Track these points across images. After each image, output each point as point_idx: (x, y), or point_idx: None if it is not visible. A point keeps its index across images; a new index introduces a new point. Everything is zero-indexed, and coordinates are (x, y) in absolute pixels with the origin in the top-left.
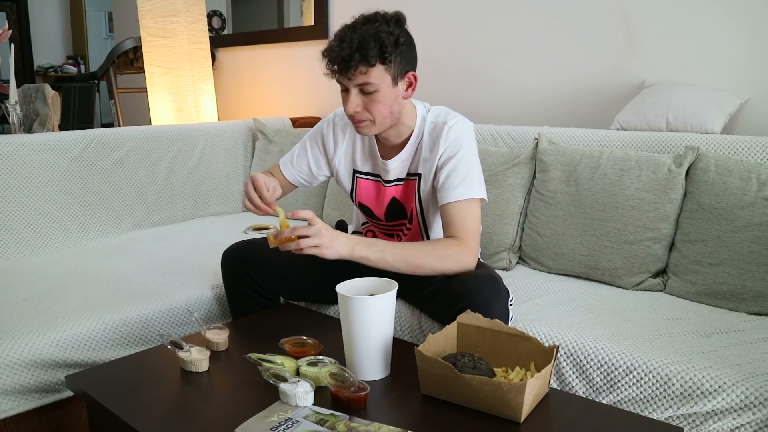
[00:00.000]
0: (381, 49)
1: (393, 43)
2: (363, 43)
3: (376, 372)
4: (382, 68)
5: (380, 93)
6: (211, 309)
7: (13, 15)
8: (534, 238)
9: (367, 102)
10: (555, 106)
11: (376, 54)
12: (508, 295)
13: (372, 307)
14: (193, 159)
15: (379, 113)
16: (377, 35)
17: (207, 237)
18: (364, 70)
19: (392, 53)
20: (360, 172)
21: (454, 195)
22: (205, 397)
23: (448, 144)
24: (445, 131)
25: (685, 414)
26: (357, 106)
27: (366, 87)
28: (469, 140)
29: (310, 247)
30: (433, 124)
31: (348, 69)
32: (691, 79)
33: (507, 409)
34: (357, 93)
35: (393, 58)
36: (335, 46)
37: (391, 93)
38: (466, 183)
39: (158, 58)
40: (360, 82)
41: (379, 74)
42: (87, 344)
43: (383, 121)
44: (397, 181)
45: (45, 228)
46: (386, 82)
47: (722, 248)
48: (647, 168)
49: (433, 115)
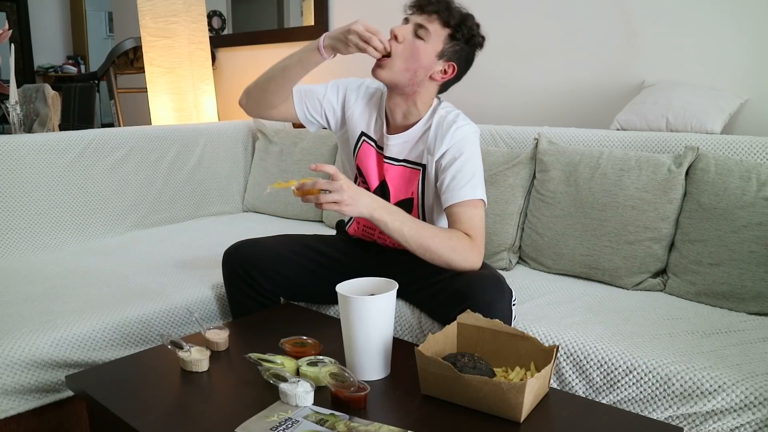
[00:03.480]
0: (459, 24)
1: (468, 30)
2: (451, 6)
3: (376, 372)
4: (445, 33)
5: (423, 47)
6: (211, 309)
7: (13, 15)
8: (534, 238)
9: (408, 44)
10: (555, 106)
11: (453, 22)
12: (511, 296)
13: (372, 307)
14: (193, 159)
15: (404, 60)
16: (463, 15)
17: (207, 237)
18: (434, 18)
19: (460, 37)
20: (367, 136)
21: (461, 195)
22: (205, 397)
23: (453, 143)
24: (453, 129)
25: (685, 414)
26: (402, 36)
27: (420, 31)
28: (473, 144)
29: (331, 203)
30: (442, 119)
31: (425, 7)
32: (691, 79)
33: (507, 409)
34: (411, 29)
35: (457, 38)
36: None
37: (429, 57)
38: (471, 185)
39: (158, 58)
40: (422, 21)
41: (439, 34)
42: (87, 344)
43: (403, 73)
44: (393, 160)
45: (45, 228)
46: (436, 46)
47: (722, 248)
48: (647, 168)
49: (445, 110)
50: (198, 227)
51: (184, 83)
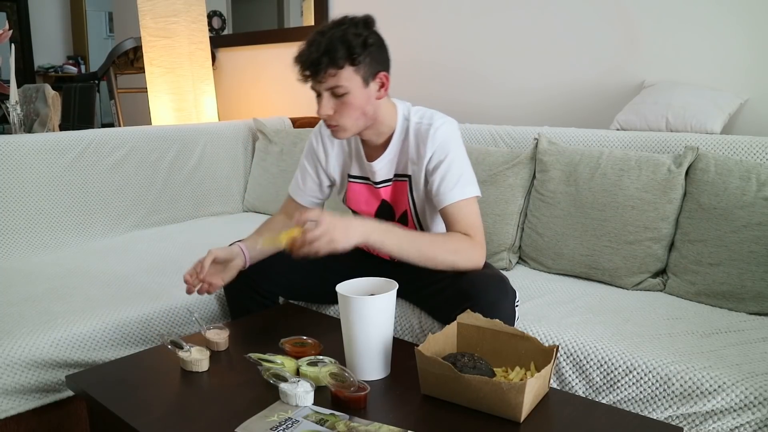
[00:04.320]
0: (349, 50)
1: (361, 44)
2: (330, 46)
3: (376, 372)
4: (351, 70)
5: (351, 95)
6: (211, 309)
7: (13, 15)
8: (534, 238)
9: (339, 105)
10: (555, 106)
11: (344, 56)
12: (515, 296)
13: (372, 307)
14: (193, 159)
15: (350, 116)
16: (344, 37)
17: (207, 237)
18: (333, 72)
19: (360, 54)
20: (352, 176)
21: (452, 197)
22: (205, 397)
23: (436, 146)
24: (432, 133)
25: (684, 414)
26: (329, 109)
27: (336, 90)
28: (456, 140)
29: (324, 246)
30: (417, 125)
31: (317, 73)
32: (691, 79)
33: (507, 409)
34: (329, 96)
35: (362, 59)
36: (304, 51)
37: (362, 94)
38: (461, 184)
39: (158, 58)
40: (330, 85)
41: (349, 76)
42: (87, 344)
43: (356, 122)
44: (386, 182)
45: (45, 228)
46: (356, 83)
47: (722, 248)
48: (647, 168)
49: (417, 116)
50: (198, 227)
51: (184, 83)
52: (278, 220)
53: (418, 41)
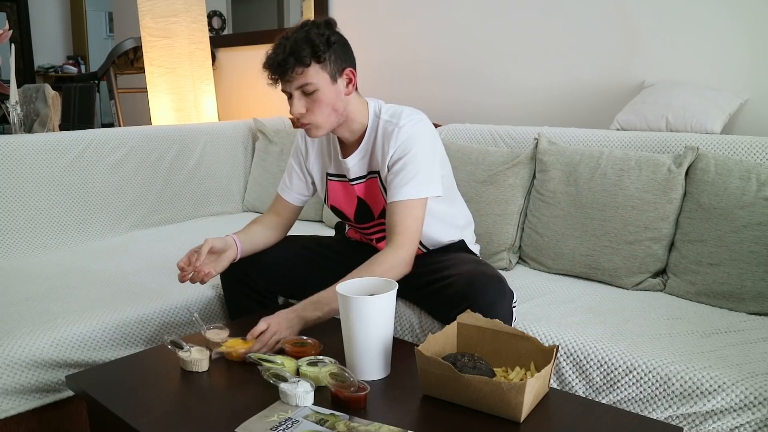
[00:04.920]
0: (313, 48)
1: (324, 42)
2: (295, 46)
3: (376, 372)
4: (317, 67)
5: (321, 92)
6: (211, 309)
7: (13, 15)
8: (534, 238)
9: (310, 103)
10: (555, 106)
11: (309, 54)
12: (512, 297)
13: (372, 307)
14: (193, 159)
15: (322, 112)
16: (308, 37)
17: (207, 237)
18: (300, 70)
19: (325, 52)
20: (330, 174)
21: (400, 194)
22: (205, 397)
23: (398, 144)
24: (396, 132)
25: (684, 414)
26: (301, 107)
27: (306, 87)
28: (420, 139)
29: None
30: (385, 123)
31: (285, 72)
32: (691, 79)
33: (507, 409)
34: (299, 96)
35: (327, 56)
36: (271, 55)
37: (331, 91)
38: (414, 183)
39: (158, 58)
40: (299, 83)
41: (315, 73)
42: (87, 344)
43: (329, 119)
44: (360, 179)
45: (45, 228)
46: (324, 80)
47: (722, 248)
48: (647, 168)
49: (387, 114)
50: (198, 227)
51: (184, 83)
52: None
53: (417, 41)
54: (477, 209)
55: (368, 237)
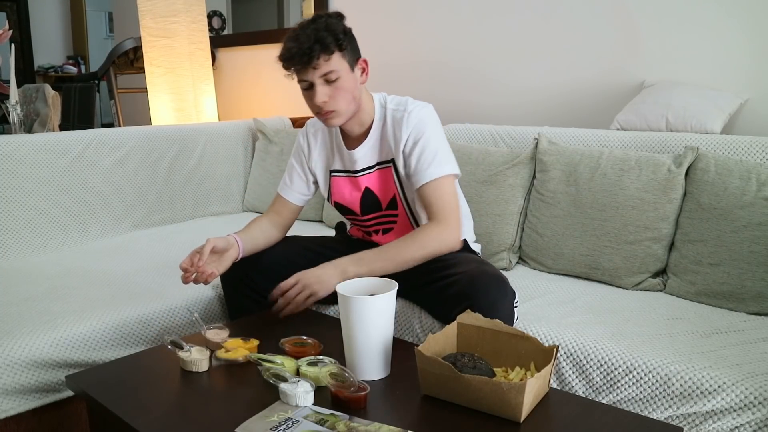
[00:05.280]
0: (335, 37)
1: (342, 31)
2: (318, 35)
3: (376, 372)
4: (339, 55)
5: (342, 79)
6: (211, 309)
7: (13, 15)
8: (534, 238)
9: (332, 91)
10: (555, 106)
11: (333, 41)
12: (514, 297)
13: (372, 307)
14: (193, 159)
15: (344, 99)
16: (328, 26)
17: (207, 237)
18: (326, 58)
19: (344, 40)
20: (334, 171)
21: (427, 176)
22: (205, 397)
23: (411, 128)
24: (407, 116)
25: (684, 414)
26: (325, 95)
27: (329, 75)
28: (431, 121)
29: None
30: (393, 111)
31: (311, 60)
32: (691, 79)
33: (507, 409)
34: (322, 83)
35: (346, 44)
36: (293, 45)
37: (351, 78)
38: (436, 162)
39: (158, 58)
40: (324, 71)
41: (338, 61)
42: (87, 344)
43: (349, 107)
44: (367, 169)
45: (45, 228)
46: (345, 68)
47: (722, 248)
48: (647, 168)
49: (394, 103)
50: (198, 227)
51: (184, 83)
52: (263, 223)
53: (417, 41)
54: (477, 209)
55: (372, 229)
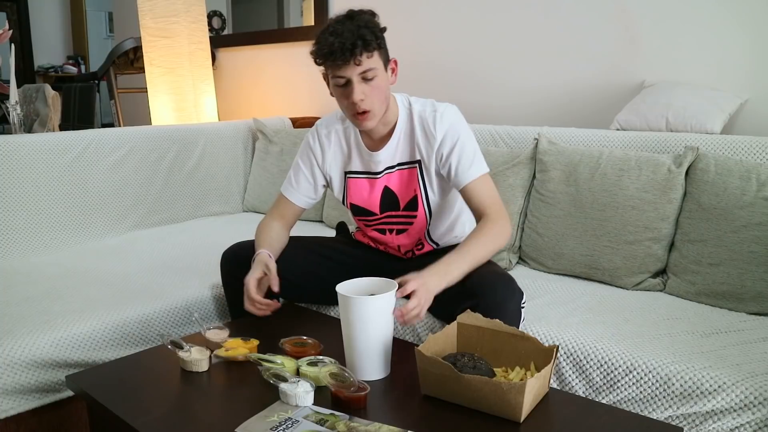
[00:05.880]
0: (375, 35)
1: (380, 30)
2: (360, 32)
3: (376, 372)
4: (377, 53)
5: (379, 78)
6: (211, 309)
7: (13, 15)
8: (534, 238)
9: (368, 90)
10: (555, 106)
11: (373, 39)
12: (521, 296)
13: (372, 307)
14: (193, 159)
15: (378, 99)
16: (368, 24)
17: (207, 237)
18: (368, 55)
19: (382, 38)
20: (350, 173)
21: (470, 175)
22: (205, 397)
23: (445, 129)
24: (438, 117)
25: (685, 414)
26: (362, 93)
27: (368, 73)
28: (462, 122)
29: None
30: (421, 111)
31: (353, 57)
32: (691, 79)
33: (507, 409)
34: (360, 81)
35: (383, 43)
36: (333, 40)
37: (385, 78)
38: (477, 160)
39: (158, 59)
40: (365, 68)
41: (377, 60)
42: (87, 344)
43: (381, 107)
44: (388, 170)
45: (45, 228)
46: (381, 67)
47: (722, 248)
48: (647, 168)
49: (419, 104)
50: (198, 227)
51: (184, 83)
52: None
53: (417, 42)
54: None
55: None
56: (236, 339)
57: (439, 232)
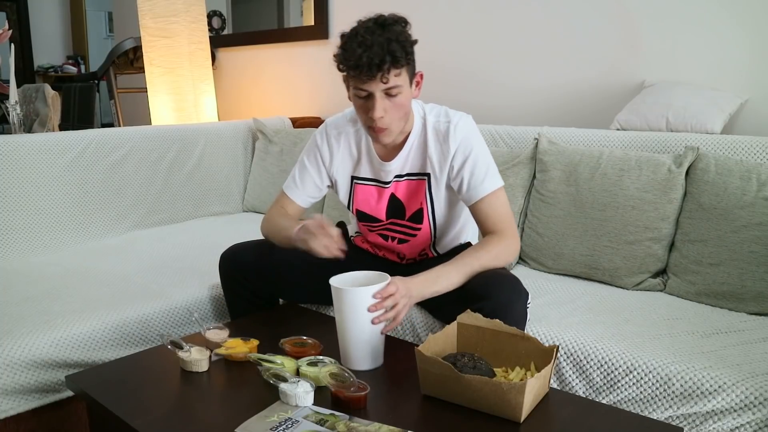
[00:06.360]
0: (405, 51)
1: (411, 44)
2: (391, 47)
3: (367, 362)
4: (405, 69)
5: (402, 95)
6: (210, 309)
7: (13, 15)
8: (534, 238)
9: (389, 106)
10: (555, 106)
11: (403, 56)
12: (527, 297)
13: (363, 298)
14: (193, 159)
15: (398, 115)
16: (399, 38)
17: (207, 237)
18: (397, 72)
19: (411, 54)
20: (358, 178)
21: (483, 190)
22: (205, 397)
23: (459, 142)
24: (452, 130)
25: (685, 414)
26: (382, 110)
27: (392, 90)
28: (477, 134)
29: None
30: (435, 123)
31: (380, 73)
32: (691, 79)
33: (507, 409)
34: (382, 97)
35: (411, 59)
36: (361, 53)
37: (408, 94)
38: (490, 175)
39: (158, 58)
40: (391, 85)
41: (404, 76)
42: (87, 344)
43: (400, 123)
44: (397, 178)
45: (45, 228)
46: (407, 83)
47: (722, 248)
48: (647, 168)
49: (433, 114)
50: (198, 227)
51: (184, 83)
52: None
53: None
54: None
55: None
56: (236, 339)
57: (443, 242)
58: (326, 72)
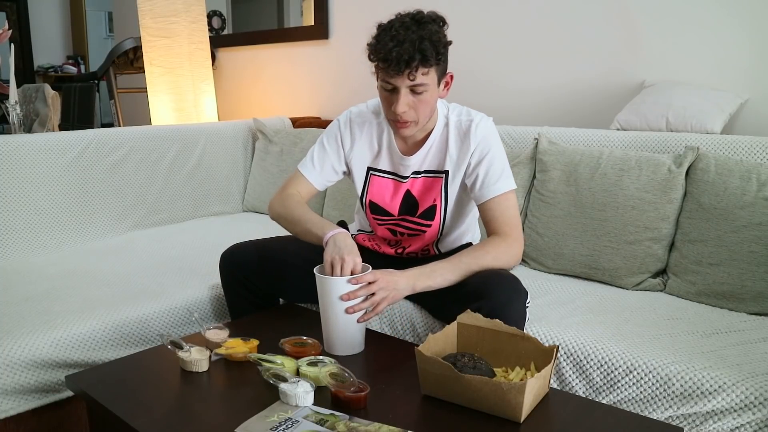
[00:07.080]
0: (436, 50)
1: (443, 44)
2: (422, 45)
3: (345, 348)
4: (434, 69)
5: (428, 93)
6: (211, 309)
7: (13, 15)
8: (534, 238)
9: (414, 102)
10: (555, 106)
11: (433, 56)
12: (526, 296)
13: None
14: (193, 159)
15: (424, 113)
16: (432, 37)
17: (207, 237)
18: (425, 71)
19: (443, 54)
20: (375, 170)
21: (495, 190)
22: (205, 397)
23: (478, 141)
24: (473, 129)
25: (685, 414)
26: (406, 105)
27: (418, 88)
28: (496, 136)
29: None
30: (458, 122)
31: (408, 69)
32: (691, 79)
33: (507, 409)
34: (407, 93)
35: (443, 59)
36: (392, 47)
37: (435, 93)
38: (504, 176)
39: (158, 58)
40: (418, 82)
41: (432, 76)
42: (87, 344)
43: (424, 119)
44: (414, 174)
45: (45, 228)
46: (434, 81)
47: (722, 248)
48: (647, 168)
49: (455, 113)
50: (198, 227)
51: (184, 83)
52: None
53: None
54: None
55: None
56: (236, 339)
57: (447, 241)
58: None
